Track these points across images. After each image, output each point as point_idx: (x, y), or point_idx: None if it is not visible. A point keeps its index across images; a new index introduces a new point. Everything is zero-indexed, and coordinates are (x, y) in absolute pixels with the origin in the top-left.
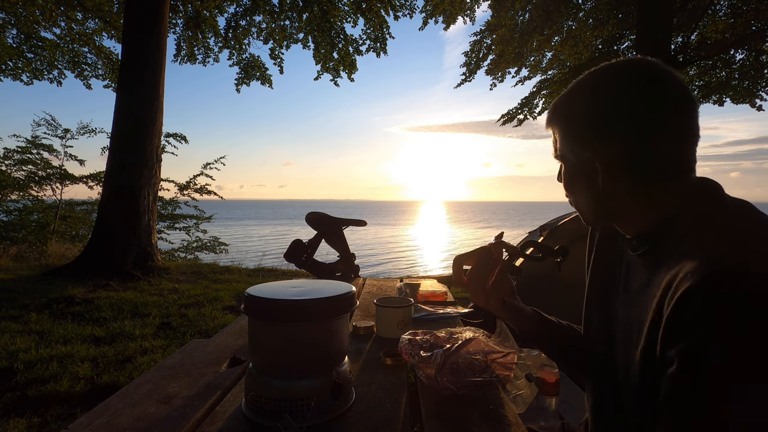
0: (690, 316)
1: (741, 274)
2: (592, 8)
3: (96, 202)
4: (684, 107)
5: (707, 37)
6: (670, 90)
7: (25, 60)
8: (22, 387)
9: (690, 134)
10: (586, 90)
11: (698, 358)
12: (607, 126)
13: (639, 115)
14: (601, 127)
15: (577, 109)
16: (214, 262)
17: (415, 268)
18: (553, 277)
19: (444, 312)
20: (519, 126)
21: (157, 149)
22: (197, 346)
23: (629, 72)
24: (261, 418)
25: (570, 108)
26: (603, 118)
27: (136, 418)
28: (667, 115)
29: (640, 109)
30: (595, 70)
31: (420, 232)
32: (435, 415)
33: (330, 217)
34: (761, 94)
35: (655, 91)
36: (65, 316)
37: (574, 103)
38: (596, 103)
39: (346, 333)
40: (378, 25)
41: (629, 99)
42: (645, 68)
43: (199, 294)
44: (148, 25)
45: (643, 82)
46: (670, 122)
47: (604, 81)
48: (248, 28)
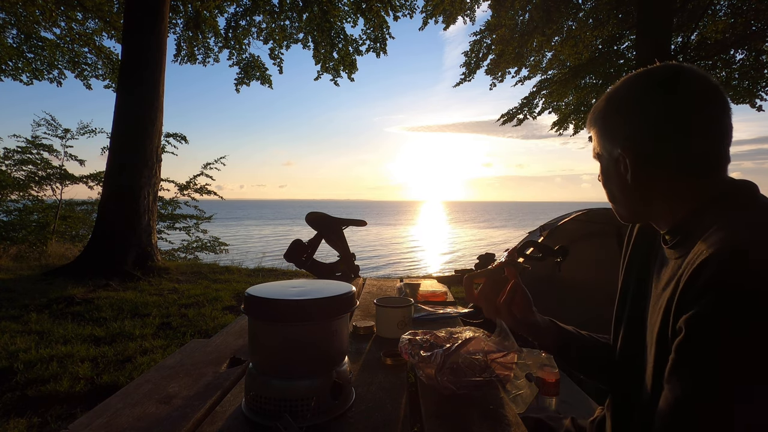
0: (702, 283)
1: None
2: (592, 8)
3: (96, 202)
4: (706, 106)
5: (707, 37)
6: (689, 92)
7: (25, 60)
8: (22, 387)
9: (716, 132)
10: (616, 95)
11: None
12: (632, 129)
13: (659, 118)
14: (628, 129)
15: (609, 111)
16: (214, 262)
17: (415, 268)
18: (553, 277)
19: (444, 312)
20: (519, 126)
21: (157, 149)
22: (197, 346)
23: (651, 77)
24: (261, 418)
25: (604, 110)
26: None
27: (136, 418)
28: (687, 116)
29: (659, 112)
30: (628, 77)
31: (420, 232)
32: (435, 415)
33: (330, 217)
34: (761, 94)
35: (674, 94)
36: (65, 316)
37: (608, 106)
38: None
39: (346, 333)
40: (378, 26)
41: (651, 103)
42: (665, 72)
43: (199, 294)
44: (148, 25)
45: (663, 87)
46: (691, 122)
47: (632, 88)
48: (248, 28)
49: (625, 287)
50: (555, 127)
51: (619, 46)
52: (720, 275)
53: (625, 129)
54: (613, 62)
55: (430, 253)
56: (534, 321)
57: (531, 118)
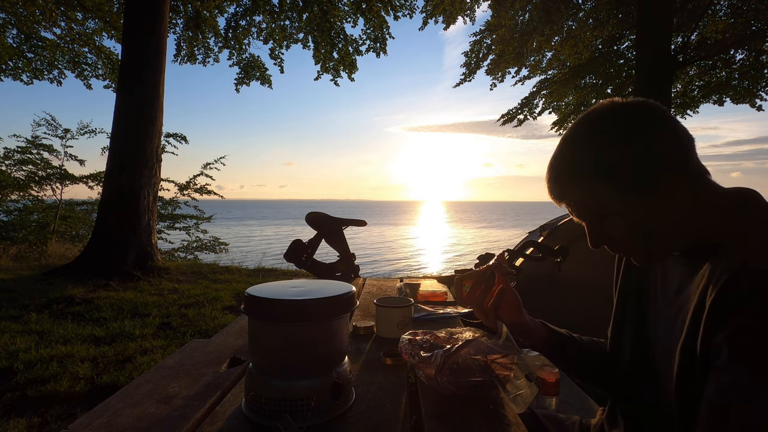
0: (736, 298)
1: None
2: (592, 8)
3: (96, 202)
4: (646, 126)
5: (707, 37)
6: (621, 119)
7: (25, 60)
8: (22, 387)
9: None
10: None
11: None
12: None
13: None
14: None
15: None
16: (214, 262)
17: (415, 268)
18: (553, 277)
19: (444, 312)
20: (519, 126)
21: (157, 149)
22: (197, 346)
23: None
24: (261, 418)
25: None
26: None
27: (136, 418)
28: (638, 134)
29: (610, 168)
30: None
31: (420, 233)
32: (435, 415)
33: (330, 217)
34: (761, 94)
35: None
36: (65, 316)
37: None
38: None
39: (346, 333)
40: (378, 26)
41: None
42: (591, 117)
43: (199, 294)
44: (148, 25)
45: (595, 130)
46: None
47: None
48: (248, 28)
49: (624, 288)
50: (555, 127)
51: (619, 46)
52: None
53: (601, 186)
54: (613, 62)
55: (431, 253)
56: (523, 322)
57: (531, 118)
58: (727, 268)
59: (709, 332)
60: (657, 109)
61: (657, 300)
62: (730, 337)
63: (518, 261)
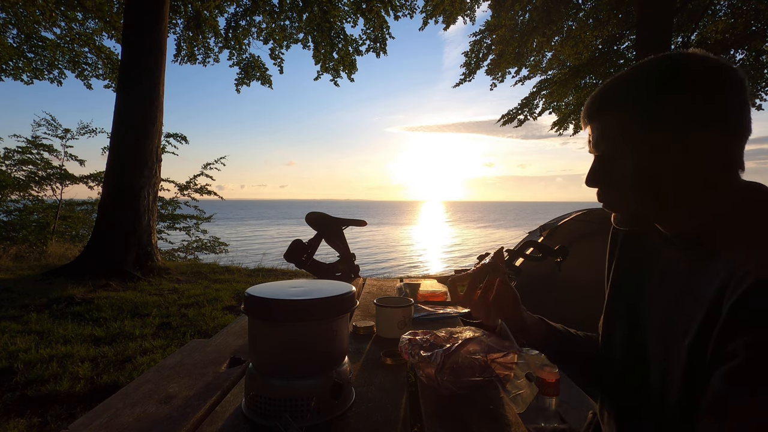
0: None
1: None
2: (592, 8)
3: (96, 202)
4: (714, 97)
5: (707, 37)
6: (689, 86)
7: (25, 60)
8: (22, 387)
9: (727, 127)
10: (627, 82)
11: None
12: (640, 128)
13: (660, 119)
14: (637, 128)
15: (621, 100)
16: (214, 262)
17: (415, 268)
18: (553, 277)
19: (444, 312)
20: (519, 126)
21: (157, 149)
22: (197, 346)
23: (647, 72)
24: (261, 418)
25: (615, 98)
26: (644, 114)
27: (136, 418)
28: (686, 113)
29: (659, 112)
30: (641, 65)
31: (421, 232)
32: (435, 415)
33: (330, 217)
34: (761, 94)
35: (672, 92)
36: (65, 316)
37: (619, 94)
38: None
39: (346, 333)
40: (378, 26)
41: (652, 101)
42: (660, 66)
43: (199, 294)
44: (148, 25)
45: (659, 84)
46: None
47: (633, 82)
48: (248, 28)
49: (616, 283)
50: (555, 127)
51: (619, 46)
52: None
53: (639, 121)
54: (613, 62)
55: (431, 253)
56: (521, 319)
57: (531, 118)
58: (748, 273)
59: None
60: (738, 76)
61: (653, 295)
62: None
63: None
